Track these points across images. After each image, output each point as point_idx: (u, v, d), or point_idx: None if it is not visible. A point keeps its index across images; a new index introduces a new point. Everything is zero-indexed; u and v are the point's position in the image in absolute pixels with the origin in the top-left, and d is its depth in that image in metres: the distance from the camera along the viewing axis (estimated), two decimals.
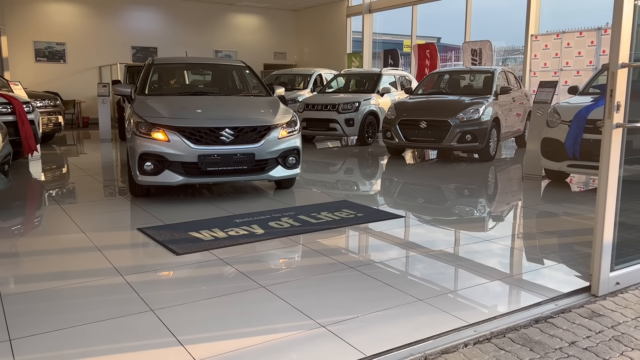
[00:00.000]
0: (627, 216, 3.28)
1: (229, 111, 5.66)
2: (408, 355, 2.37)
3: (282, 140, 5.50)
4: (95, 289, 3.15)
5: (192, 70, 7.89)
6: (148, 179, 5.15)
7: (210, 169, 5.16)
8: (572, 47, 10.72)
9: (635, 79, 3.04)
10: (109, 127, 12.01)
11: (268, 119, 5.53)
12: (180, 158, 5.08)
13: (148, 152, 5.08)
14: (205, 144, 5.12)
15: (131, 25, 17.25)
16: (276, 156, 5.48)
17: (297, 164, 5.71)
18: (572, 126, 5.84)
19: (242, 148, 5.24)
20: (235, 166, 5.23)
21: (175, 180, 5.13)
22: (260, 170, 5.43)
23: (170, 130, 5.10)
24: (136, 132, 5.20)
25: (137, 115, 5.33)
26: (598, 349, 2.46)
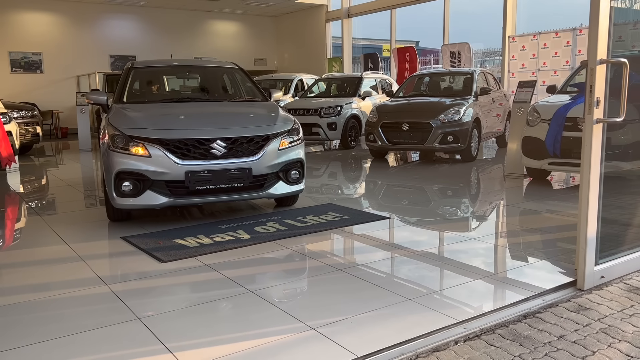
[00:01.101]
0: (609, 211, 3.33)
1: (221, 119, 4.91)
2: (399, 355, 2.36)
3: (283, 152, 4.79)
4: (80, 299, 3.09)
5: (178, 74, 6.95)
6: (127, 201, 4.43)
7: (200, 187, 4.43)
8: (548, 48, 10.90)
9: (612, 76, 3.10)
10: (88, 137, 11.86)
11: (266, 127, 4.82)
12: (164, 176, 4.36)
13: (126, 170, 4.36)
14: (193, 158, 4.41)
15: (109, 34, 17.11)
16: (277, 170, 4.75)
17: (301, 178, 5.00)
18: (551, 124, 5.92)
19: (236, 162, 4.53)
20: (230, 184, 4.52)
21: (158, 203, 4.41)
22: (259, 187, 4.70)
23: (152, 144, 4.37)
24: (112, 146, 4.45)
25: (113, 126, 4.58)
26: (586, 342, 2.49)
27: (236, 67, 6.31)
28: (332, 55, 18.24)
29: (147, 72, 6.14)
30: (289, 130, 4.93)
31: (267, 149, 4.68)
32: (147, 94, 5.96)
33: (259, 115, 5.21)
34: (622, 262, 3.30)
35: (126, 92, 5.50)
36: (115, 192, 4.42)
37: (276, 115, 5.10)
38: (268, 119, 5.00)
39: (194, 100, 5.75)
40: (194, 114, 4.98)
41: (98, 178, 7.91)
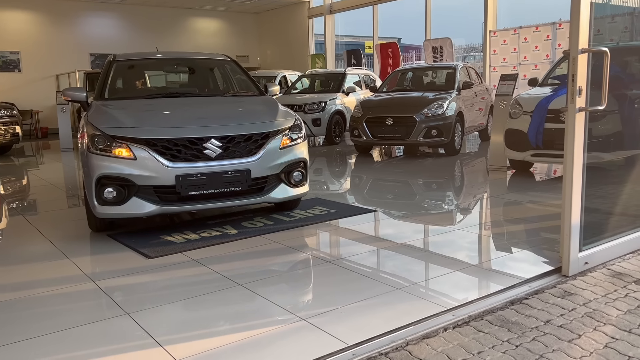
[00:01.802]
0: (591, 201, 3.39)
1: (215, 116, 4.46)
2: (390, 342, 2.38)
3: (285, 151, 4.34)
4: (67, 296, 3.06)
5: (165, 67, 6.27)
6: (110, 210, 3.95)
7: (193, 193, 3.98)
8: (529, 42, 11.03)
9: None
10: (69, 137, 11.71)
11: (265, 124, 4.36)
12: (151, 181, 3.90)
13: (108, 175, 3.89)
14: (184, 160, 3.96)
15: (89, 32, 16.88)
16: (278, 171, 4.31)
17: (305, 180, 4.54)
18: (534, 116, 6.00)
19: (233, 163, 4.07)
20: (226, 187, 4.06)
21: (146, 211, 3.95)
22: (259, 191, 4.26)
23: (137, 145, 3.92)
24: (91, 148, 3.98)
25: (92, 125, 4.10)
26: (572, 326, 2.53)
27: (228, 59, 5.88)
28: (315, 52, 18.23)
29: (131, 65, 5.61)
30: (290, 127, 4.49)
31: (267, 148, 4.23)
32: (131, 90, 5.48)
33: (256, 110, 4.73)
34: (605, 249, 3.36)
35: (107, 88, 5.01)
36: (97, 199, 3.95)
37: (276, 111, 4.65)
38: (267, 115, 4.54)
39: (184, 95, 5.22)
40: (185, 111, 4.54)
41: (80, 178, 7.81)
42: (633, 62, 5.58)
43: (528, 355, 2.26)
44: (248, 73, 5.77)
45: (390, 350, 2.32)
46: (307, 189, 4.61)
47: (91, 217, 4.25)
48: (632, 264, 3.35)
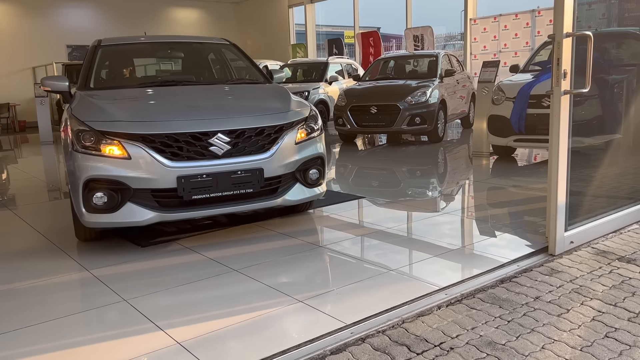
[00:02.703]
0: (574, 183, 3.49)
1: (220, 106, 3.94)
2: (386, 321, 2.44)
3: (301, 146, 3.85)
4: (62, 285, 3.06)
5: (157, 52, 5.56)
6: (100, 218, 3.42)
7: (198, 196, 3.46)
8: (509, 29, 11.17)
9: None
10: (49, 129, 11.54)
11: (279, 115, 3.86)
12: (149, 183, 3.38)
13: (98, 178, 3.36)
14: (187, 159, 3.44)
15: (65, 23, 16.58)
16: (293, 169, 3.82)
17: (322, 179, 4.05)
18: (516, 102, 6.11)
19: (244, 161, 3.56)
20: (235, 190, 3.56)
21: (143, 219, 3.42)
22: (272, 192, 3.75)
23: (131, 141, 3.37)
24: (77, 146, 3.43)
25: (78, 119, 3.54)
26: (561, 301, 2.63)
27: (228, 43, 5.34)
28: (296, 41, 18.18)
29: (119, 50, 4.99)
30: (306, 118, 3.99)
31: (281, 143, 3.73)
32: (120, 78, 4.95)
33: (267, 100, 4.22)
34: (589, 228, 3.47)
35: (93, 76, 4.45)
36: (85, 206, 3.42)
37: (288, 100, 4.15)
38: (279, 105, 4.03)
39: (181, 83, 4.61)
40: (185, 101, 3.98)
41: (63, 171, 7.72)
42: (611, 48, 5.71)
43: (520, 330, 2.34)
44: (251, 58, 5.25)
45: (387, 328, 2.38)
46: (325, 189, 4.12)
47: (79, 225, 3.72)
48: (615, 242, 3.47)
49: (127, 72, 5.15)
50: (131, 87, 4.43)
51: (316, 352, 2.20)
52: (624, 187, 4.37)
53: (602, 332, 2.31)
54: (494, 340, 2.26)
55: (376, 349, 2.22)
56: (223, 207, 3.60)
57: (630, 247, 3.35)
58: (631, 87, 4.69)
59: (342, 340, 2.28)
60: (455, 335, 2.31)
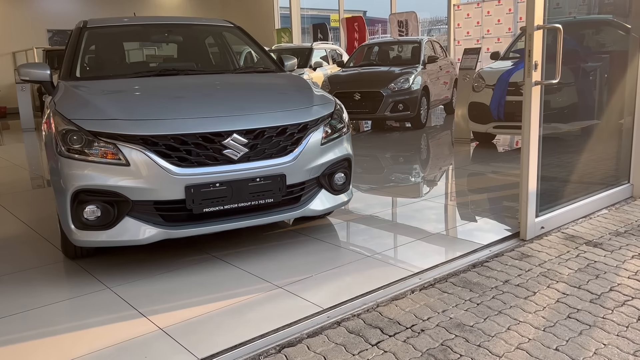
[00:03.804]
0: (547, 169, 3.61)
1: (234, 101, 3.34)
2: (362, 305, 2.55)
3: (327, 147, 3.32)
4: (46, 273, 3.12)
5: (152, 36, 4.77)
6: (92, 236, 2.88)
7: (210, 209, 2.94)
8: (491, 15, 11.25)
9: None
10: (31, 116, 11.44)
11: (302, 111, 3.31)
12: (152, 194, 2.84)
13: (89, 188, 2.81)
14: (197, 164, 2.90)
15: (46, 7, 16.33)
16: (318, 174, 3.30)
17: (348, 184, 3.52)
18: (495, 89, 6.22)
19: (263, 166, 3.04)
20: (254, 200, 3.04)
21: (144, 236, 2.89)
22: (294, 201, 3.25)
23: (130, 144, 2.82)
24: (63, 149, 2.86)
25: (63, 117, 2.95)
26: (528, 284, 2.75)
27: (232, 25, 4.73)
28: (281, 26, 18.09)
29: (108, 33, 4.35)
30: (331, 113, 3.45)
31: (305, 143, 3.20)
32: (110, 65, 4.30)
33: (286, 92, 3.70)
34: (560, 214, 3.60)
35: (79, 64, 3.87)
36: (74, 222, 2.87)
37: (310, 93, 3.60)
38: (301, 98, 3.49)
39: (183, 72, 3.98)
40: (191, 94, 3.42)
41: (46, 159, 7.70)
42: (588, 35, 5.82)
43: (488, 312, 2.46)
44: (259, 43, 4.66)
45: (362, 312, 2.49)
46: (352, 195, 3.61)
47: (66, 241, 3.19)
48: (584, 227, 3.61)
49: (118, 59, 4.53)
50: (125, 77, 3.78)
51: (293, 335, 2.30)
52: (597, 172, 4.51)
53: (565, 313, 2.44)
54: (463, 322, 2.37)
55: (351, 331, 2.32)
56: (238, 221, 3.06)
57: (598, 232, 3.49)
58: (607, 74, 4.80)
59: (318, 324, 2.38)
60: (426, 318, 2.42)
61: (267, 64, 4.42)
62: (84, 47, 4.01)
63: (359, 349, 2.18)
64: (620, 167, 4.35)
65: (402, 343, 2.22)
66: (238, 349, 2.20)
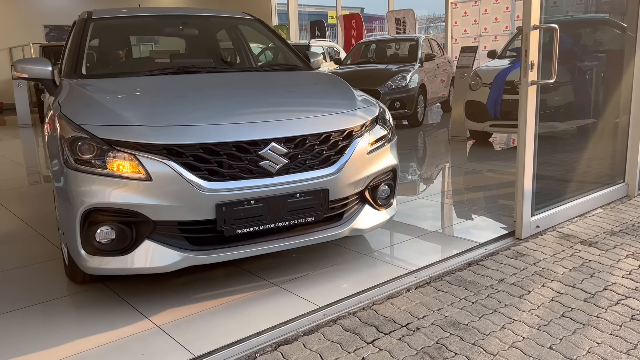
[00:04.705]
0: (543, 168, 3.63)
1: (270, 104, 2.93)
2: (357, 303, 2.56)
3: (373, 156, 2.92)
4: (40, 271, 3.12)
5: (165, 29, 4.31)
6: (106, 264, 2.46)
7: (243, 230, 2.55)
8: (489, 14, 11.26)
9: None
10: (27, 112, 11.41)
11: (346, 115, 2.89)
12: (177, 213, 2.45)
13: (103, 207, 2.41)
14: (229, 178, 2.51)
15: (42, 3, 16.26)
16: (362, 188, 2.91)
17: (392, 198, 3.14)
18: (492, 88, 6.23)
19: (304, 179, 2.65)
20: (292, 219, 2.65)
21: (167, 263, 2.47)
22: (336, 219, 2.85)
23: (153, 154, 2.42)
24: (72, 160, 2.45)
25: (72, 122, 2.53)
26: (523, 283, 2.77)
27: (252, 18, 4.29)
28: (278, 23, 18.06)
29: (116, 26, 3.88)
30: (376, 118, 3.04)
31: (351, 152, 2.79)
32: (119, 62, 3.85)
33: (324, 93, 3.25)
34: (555, 213, 3.62)
35: (85, 60, 3.41)
36: (85, 246, 2.46)
37: (351, 93, 3.21)
38: (342, 100, 3.07)
39: (205, 69, 3.54)
40: (220, 95, 2.98)
41: (42, 155, 7.69)
42: (585, 34, 5.84)
43: (483, 311, 2.48)
44: (283, 37, 4.27)
45: (357, 310, 2.50)
46: (395, 211, 3.19)
47: (72, 265, 2.76)
48: (579, 226, 3.63)
49: (129, 55, 4.07)
50: (138, 75, 3.34)
51: (289, 333, 2.31)
52: (592, 171, 4.53)
53: (559, 311, 2.46)
54: (458, 321, 2.39)
55: (346, 329, 2.34)
56: (275, 244, 2.65)
57: (592, 231, 3.51)
58: (603, 73, 4.82)
59: (314, 322, 2.39)
60: (421, 316, 2.44)
61: (292, 61, 3.94)
62: (89, 40, 3.55)
63: (355, 347, 2.20)
64: (616, 167, 4.37)
65: (398, 341, 2.23)
66: (234, 347, 2.21)
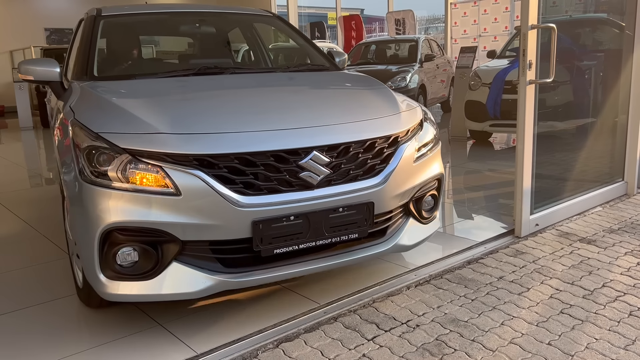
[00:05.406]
0: (543, 167, 3.65)
1: (307, 108, 2.62)
2: (358, 301, 2.59)
3: (420, 165, 2.65)
4: (43, 270, 3.15)
5: (180, 27, 4.01)
6: (128, 289, 2.19)
7: (282, 250, 2.29)
8: (488, 14, 11.29)
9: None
10: (29, 115, 11.45)
11: (390, 119, 2.61)
12: (209, 232, 2.18)
13: (125, 226, 2.13)
14: (267, 191, 2.24)
15: (43, 6, 16.30)
16: (407, 200, 2.63)
17: (436, 210, 2.86)
18: (492, 88, 6.26)
19: (347, 191, 2.37)
20: (334, 236, 2.38)
21: (196, 289, 2.21)
22: (379, 235, 2.58)
23: (181, 166, 2.14)
24: (88, 172, 2.17)
25: (87, 130, 2.25)
26: (522, 281, 2.79)
27: (271, 15, 4.01)
28: None
29: (128, 24, 3.62)
30: (420, 122, 2.78)
31: (398, 160, 2.52)
32: (134, 62, 3.57)
33: (364, 96, 2.94)
34: (554, 211, 3.64)
35: (96, 60, 3.10)
36: (104, 270, 2.18)
37: (392, 95, 2.91)
38: (384, 103, 2.77)
39: (229, 70, 3.24)
40: (251, 99, 2.66)
41: (44, 157, 7.72)
42: (584, 34, 5.86)
43: (482, 308, 2.50)
44: (305, 35, 3.99)
45: (358, 308, 2.53)
46: (440, 224, 2.95)
47: (88, 289, 2.45)
48: (578, 224, 3.65)
49: (143, 55, 3.77)
50: (156, 77, 3.03)
51: (291, 330, 2.33)
52: (591, 170, 4.55)
53: (557, 308, 2.48)
54: (458, 318, 2.41)
55: (347, 327, 2.36)
56: (315, 264, 2.39)
57: (592, 229, 3.53)
58: (601, 72, 4.84)
59: (315, 320, 2.41)
60: (421, 314, 2.46)
61: (318, 60, 3.61)
62: (99, 39, 3.25)
63: (355, 344, 2.22)
64: (615, 165, 4.39)
65: (398, 338, 2.25)
66: (236, 344, 2.23)
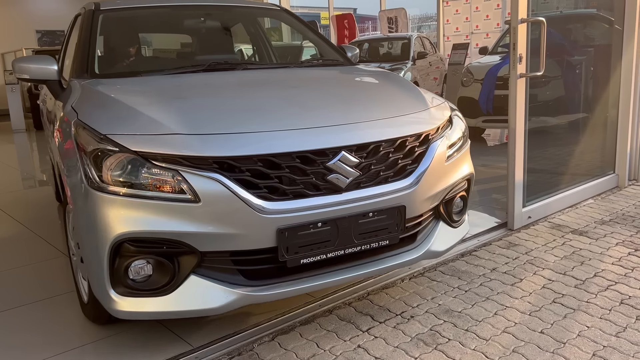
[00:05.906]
0: (535, 161, 3.68)
1: (331, 105, 2.39)
2: (353, 294, 2.61)
3: (451, 164, 2.44)
4: (42, 270, 3.15)
5: (184, 22, 3.79)
6: (142, 306, 1.97)
7: (309, 260, 2.07)
8: (480, 11, 11.35)
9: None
10: (21, 117, 11.40)
11: (419, 116, 2.42)
12: (230, 242, 1.98)
13: (138, 237, 1.92)
14: (292, 195, 2.02)
15: (34, 8, 16.24)
16: (437, 202, 2.42)
17: (465, 211, 2.64)
18: (484, 84, 6.30)
19: (378, 194, 2.16)
20: (364, 244, 2.16)
21: (217, 305, 1.98)
22: (409, 241, 2.36)
23: (200, 169, 1.92)
24: (95, 178, 1.96)
25: (93, 131, 2.03)
26: (515, 272, 2.82)
27: (279, 8, 3.80)
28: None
29: (128, 19, 3.39)
30: (450, 118, 2.55)
31: (430, 160, 2.30)
32: (137, 59, 3.34)
33: (390, 92, 2.71)
34: (546, 204, 3.67)
35: (96, 57, 2.90)
36: (115, 285, 1.97)
37: (418, 91, 2.72)
38: (411, 99, 2.58)
39: (241, 66, 3.06)
40: (270, 96, 2.46)
41: (36, 159, 7.70)
42: (574, 29, 5.91)
43: (475, 298, 2.53)
44: (315, 29, 3.74)
45: (353, 300, 2.55)
46: (469, 228, 2.70)
47: (94, 304, 2.25)
48: (570, 216, 3.68)
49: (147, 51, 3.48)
50: (163, 73, 2.77)
51: (287, 324, 2.35)
52: (583, 163, 4.59)
53: (550, 298, 2.51)
54: (451, 309, 2.44)
55: (342, 319, 2.38)
56: (344, 274, 2.17)
57: (583, 221, 3.57)
58: (592, 67, 4.88)
59: (310, 312, 2.43)
60: (415, 305, 2.48)
61: (331, 55, 3.43)
62: (98, 34, 3.02)
63: (350, 335, 2.24)
64: (606, 158, 4.43)
65: (392, 329, 2.28)
66: (232, 337, 2.25)
